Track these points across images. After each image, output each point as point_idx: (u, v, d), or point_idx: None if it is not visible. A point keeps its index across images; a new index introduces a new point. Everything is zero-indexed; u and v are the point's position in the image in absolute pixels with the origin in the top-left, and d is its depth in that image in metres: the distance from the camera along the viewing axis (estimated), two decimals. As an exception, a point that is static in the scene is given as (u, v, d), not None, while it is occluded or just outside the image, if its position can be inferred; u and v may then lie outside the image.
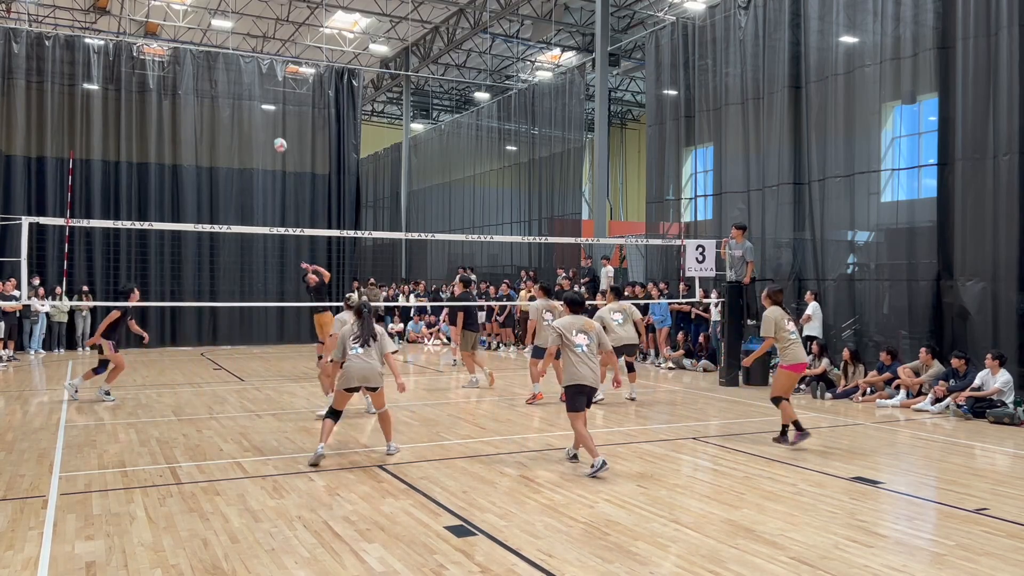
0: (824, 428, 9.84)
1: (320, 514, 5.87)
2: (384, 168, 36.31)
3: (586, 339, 7.52)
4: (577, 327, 7.61)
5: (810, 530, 5.61)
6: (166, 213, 20.35)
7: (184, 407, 10.85)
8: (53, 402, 11.21)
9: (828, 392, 12.36)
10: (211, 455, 7.88)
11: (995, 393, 10.43)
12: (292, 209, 22.06)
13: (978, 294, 12.05)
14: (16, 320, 17.27)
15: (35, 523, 5.62)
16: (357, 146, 23.12)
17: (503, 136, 27.23)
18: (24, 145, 19.20)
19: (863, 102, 14.01)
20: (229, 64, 21.55)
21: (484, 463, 7.60)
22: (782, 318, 8.79)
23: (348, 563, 4.89)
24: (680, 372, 15.57)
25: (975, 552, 5.21)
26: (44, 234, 17.29)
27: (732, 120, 16.76)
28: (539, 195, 24.55)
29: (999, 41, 11.86)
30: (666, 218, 18.83)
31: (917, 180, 13.53)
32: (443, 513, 5.93)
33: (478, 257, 27.98)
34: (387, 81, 35.42)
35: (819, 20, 14.74)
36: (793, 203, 15.30)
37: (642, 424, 9.99)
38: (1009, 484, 7.09)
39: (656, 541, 5.36)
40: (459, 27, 28.34)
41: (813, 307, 13.69)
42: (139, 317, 20.19)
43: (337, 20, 28.47)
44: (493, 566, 4.86)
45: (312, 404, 11.17)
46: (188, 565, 4.82)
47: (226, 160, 21.36)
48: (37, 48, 19.39)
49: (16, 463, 7.45)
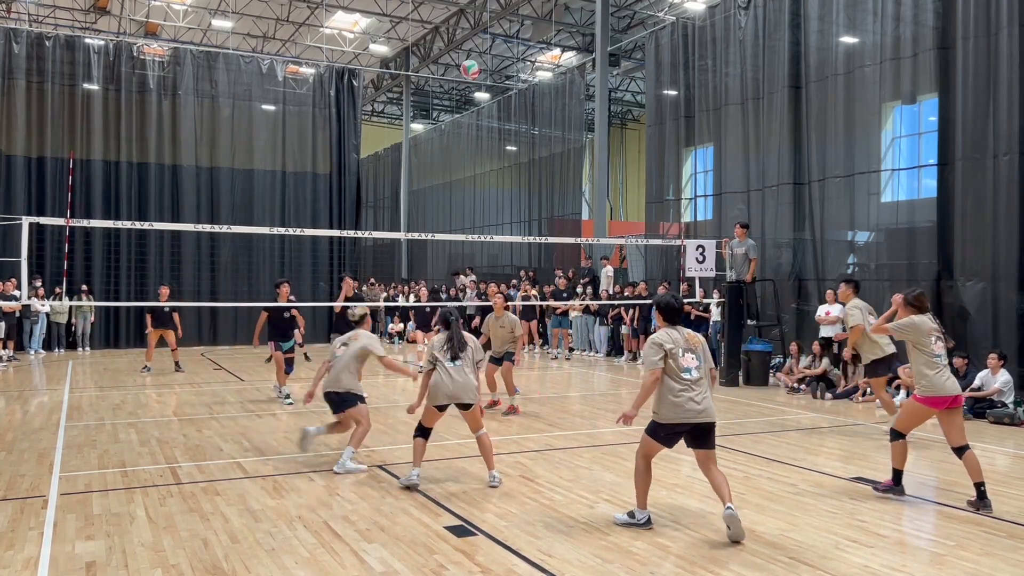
0: (824, 428, 9.84)
1: (320, 514, 5.87)
2: (384, 168, 36.32)
3: (695, 361, 5.57)
4: (683, 345, 5.59)
5: (810, 530, 5.61)
6: (166, 213, 20.36)
7: (184, 407, 10.85)
8: (53, 402, 11.22)
9: (828, 392, 12.36)
10: (211, 455, 7.88)
11: (995, 393, 10.43)
12: (292, 209, 22.07)
13: (978, 294, 12.06)
14: (16, 320, 17.28)
15: (35, 523, 5.62)
16: (357, 146, 23.13)
17: (503, 136, 27.24)
18: (24, 145, 19.21)
19: (863, 102, 14.01)
20: (229, 64, 21.55)
21: (484, 463, 7.59)
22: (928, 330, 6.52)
23: (348, 563, 4.89)
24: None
25: (975, 552, 5.21)
26: (44, 234, 17.30)
27: (732, 120, 16.76)
28: (539, 195, 24.56)
29: (999, 41, 11.86)
30: (666, 218, 18.83)
31: (917, 180, 13.53)
32: (443, 513, 5.93)
33: (478, 257, 27.98)
34: (387, 81, 35.41)
35: (819, 20, 14.74)
36: (793, 203, 15.31)
37: (642, 424, 9.96)
38: (1009, 484, 7.09)
39: (656, 541, 5.35)
40: (459, 27, 28.34)
41: (839, 308, 13.25)
42: (139, 317, 20.27)
43: (337, 20, 28.46)
44: (493, 566, 4.86)
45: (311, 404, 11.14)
46: (188, 565, 4.82)
47: (226, 160, 21.37)
48: (37, 48, 19.41)
49: (16, 463, 7.45)
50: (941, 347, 6.50)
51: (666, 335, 5.61)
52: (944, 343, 6.57)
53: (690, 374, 5.51)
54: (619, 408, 10.93)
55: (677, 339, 5.58)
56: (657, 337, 5.64)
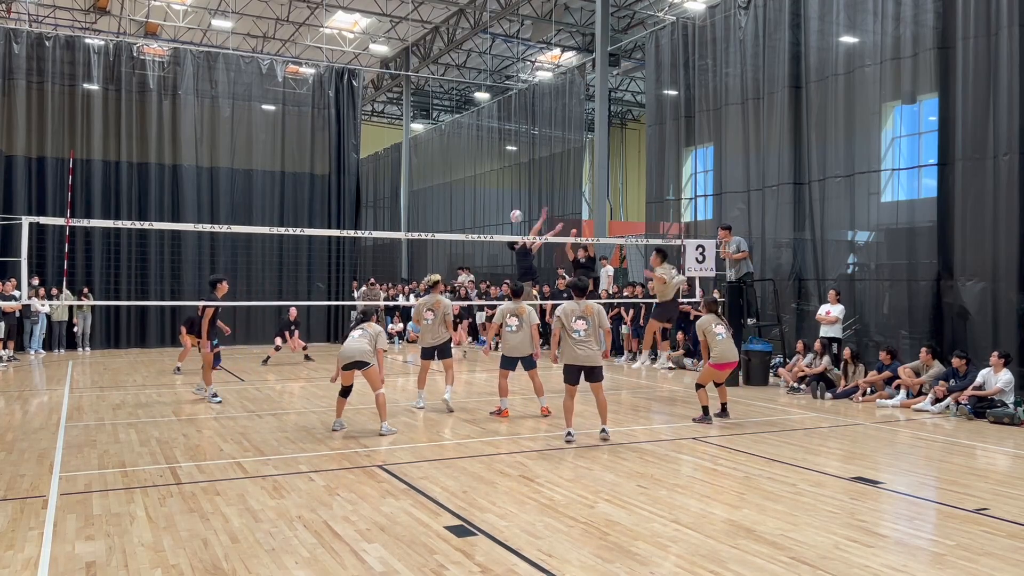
0: (824, 428, 9.84)
1: (320, 514, 5.87)
2: (384, 168, 36.32)
3: (584, 324, 8.42)
4: (577, 313, 8.44)
5: (810, 530, 5.61)
6: (166, 213, 20.36)
7: (184, 407, 10.85)
8: (53, 402, 11.22)
9: (828, 392, 12.36)
10: (211, 455, 7.88)
11: (997, 393, 10.43)
12: (292, 209, 22.06)
13: (978, 294, 12.05)
14: (16, 320, 17.28)
15: (35, 523, 5.62)
16: (357, 146, 23.11)
17: (503, 136, 27.24)
18: (24, 145, 19.19)
19: (863, 102, 14.01)
20: (229, 64, 21.55)
21: (484, 463, 7.59)
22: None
23: (348, 563, 4.89)
24: (680, 372, 15.57)
25: (975, 552, 5.21)
26: (44, 234, 17.30)
27: (732, 120, 16.76)
28: (539, 195, 24.56)
29: (999, 41, 11.86)
30: (666, 218, 18.83)
31: (917, 180, 13.53)
32: (443, 513, 5.93)
33: (478, 257, 27.99)
34: (387, 81, 35.42)
35: (819, 20, 14.74)
36: (793, 203, 15.31)
37: (642, 424, 9.99)
38: (1009, 484, 7.09)
39: (656, 541, 5.36)
40: (459, 27, 28.35)
41: (840, 308, 13.42)
42: (139, 317, 20.29)
43: (337, 20, 28.48)
44: (493, 566, 4.86)
45: (312, 404, 11.19)
46: (188, 565, 4.82)
47: (226, 160, 21.36)
48: (37, 48, 19.39)
49: (16, 463, 7.45)
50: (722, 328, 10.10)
51: (567, 306, 8.53)
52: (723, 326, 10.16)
53: (579, 335, 8.40)
54: (619, 408, 10.95)
55: (574, 310, 8.47)
56: (558, 310, 8.57)
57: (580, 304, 8.55)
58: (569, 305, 8.59)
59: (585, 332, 8.42)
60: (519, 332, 10.08)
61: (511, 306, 10.24)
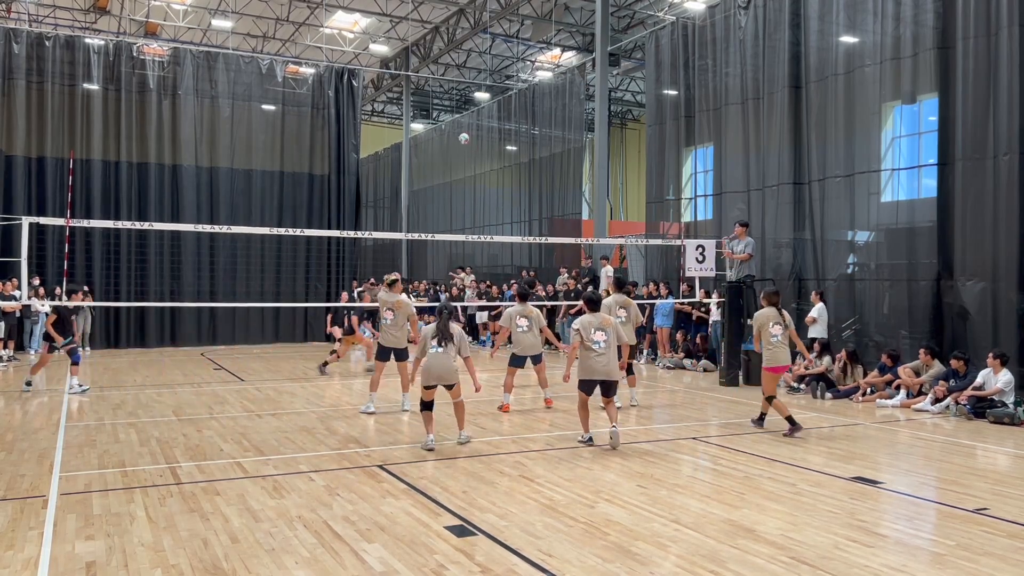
0: (824, 428, 9.84)
1: (320, 514, 5.87)
2: (384, 168, 36.31)
3: (604, 336, 8.31)
4: (595, 325, 8.35)
5: (810, 530, 5.61)
6: (166, 213, 20.36)
7: (184, 407, 10.85)
8: (53, 402, 11.22)
9: (828, 392, 12.36)
10: (211, 455, 7.88)
11: (997, 393, 10.43)
12: (292, 209, 22.07)
13: (978, 294, 12.05)
14: (16, 320, 17.28)
15: (35, 523, 5.62)
16: (357, 146, 23.12)
17: (503, 136, 27.24)
18: (24, 145, 19.20)
19: (863, 102, 14.01)
20: (229, 64, 21.55)
21: (484, 463, 7.59)
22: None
23: (348, 563, 4.89)
24: (680, 372, 15.56)
25: (975, 552, 5.21)
26: (44, 234, 17.29)
27: (732, 120, 16.76)
28: (539, 195, 24.56)
29: (999, 41, 11.86)
30: (666, 218, 18.83)
31: (917, 180, 13.53)
32: (443, 513, 5.93)
33: (478, 257, 27.99)
34: (387, 81, 35.41)
35: (819, 20, 14.74)
36: (793, 203, 15.30)
37: (642, 424, 9.98)
38: (1009, 484, 7.09)
39: (656, 541, 5.35)
40: (459, 27, 28.34)
41: (818, 309, 13.57)
42: (139, 317, 20.27)
43: (337, 20, 28.47)
44: (493, 566, 4.86)
45: (312, 404, 11.18)
46: (188, 565, 4.82)
47: (226, 160, 21.36)
48: (37, 48, 19.40)
49: (16, 463, 7.45)
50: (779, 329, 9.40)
51: (585, 319, 8.39)
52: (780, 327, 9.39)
53: (599, 346, 8.25)
54: (619, 408, 10.93)
55: (592, 322, 8.34)
56: (576, 323, 8.43)
57: (597, 317, 8.48)
58: (587, 318, 8.51)
59: (605, 343, 8.31)
60: (530, 332, 10.74)
61: (519, 308, 10.81)
